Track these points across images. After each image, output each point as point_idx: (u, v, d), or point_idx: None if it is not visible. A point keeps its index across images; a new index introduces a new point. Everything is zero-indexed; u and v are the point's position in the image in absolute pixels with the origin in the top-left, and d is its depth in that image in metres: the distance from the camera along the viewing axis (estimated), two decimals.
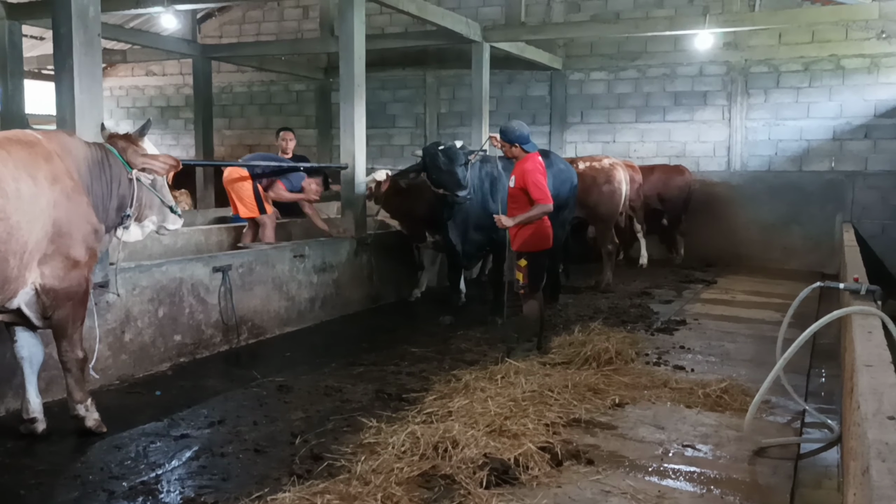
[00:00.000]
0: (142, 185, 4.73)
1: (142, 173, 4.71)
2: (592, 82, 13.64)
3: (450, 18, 10.11)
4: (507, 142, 6.16)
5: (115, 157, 4.63)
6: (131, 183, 4.66)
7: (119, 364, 5.46)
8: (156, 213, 4.92)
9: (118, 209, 4.66)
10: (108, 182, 4.57)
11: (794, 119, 12.39)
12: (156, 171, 4.76)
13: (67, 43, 5.19)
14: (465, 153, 7.05)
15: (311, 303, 7.50)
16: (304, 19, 15.56)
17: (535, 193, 5.98)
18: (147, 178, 4.76)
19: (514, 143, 6.13)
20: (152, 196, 4.84)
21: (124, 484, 3.84)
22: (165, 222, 5.01)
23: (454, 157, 6.89)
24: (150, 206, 4.86)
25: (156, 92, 17.23)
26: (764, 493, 3.91)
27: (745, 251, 12.31)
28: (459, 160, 6.92)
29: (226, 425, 4.68)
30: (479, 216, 7.39)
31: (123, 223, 4.74)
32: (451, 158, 6.89)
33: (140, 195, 4.74)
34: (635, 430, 4.71)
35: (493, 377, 5.51)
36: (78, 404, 4.43)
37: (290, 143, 9.38)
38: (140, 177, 4.70)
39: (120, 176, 4.63)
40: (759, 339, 7.06)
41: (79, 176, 4.34)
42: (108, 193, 4.57)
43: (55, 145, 4.28)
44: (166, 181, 5.04)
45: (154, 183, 4.82)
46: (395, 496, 3.58)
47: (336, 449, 4.22)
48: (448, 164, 6.91)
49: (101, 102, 5.37)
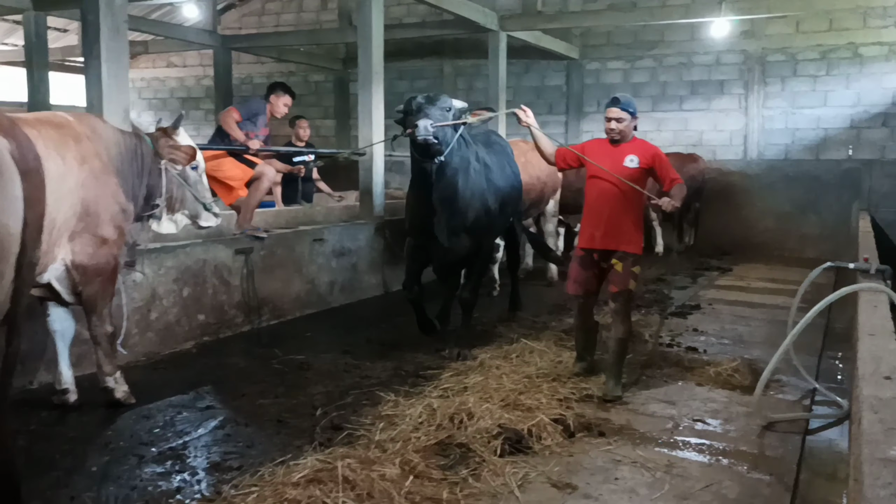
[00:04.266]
0: (171, 177, 4.91)
1: (171, 164, 4.88)
2: (609, 72, 13.69)
3: (467, 7, 10.21)
4: (632, 114, 4.98)
5: (148, 147, 4.82)
6: (161, 173, 4.85)
7: (145, 341, 5.63)
8: (188, 207, 5.09)
9: (147, 197, 4.85)
10: (139, 170, 4.75)
11: (811, 107, 12.39)
12: (178, 160, 4.92)
13: (95, 30, 5.36)
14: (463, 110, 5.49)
15: (331, 286, 7.66)
16: (323, 10, 15.71)
17: (675, 174, 4.99)
18: (175, 170, 4.92)
19: (634, 116, 5.01)
20: (184, 189, 5.01)
21: (153, 450, 4.01)
22: (198, 218, 5.18)
23: (434, 98, 5.30)
24: (182, 199, 5.04)
25: (176, 83, 17.46)
26: (771, 464, 4.01)
27: (761, 239, 12.34)
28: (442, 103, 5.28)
29: (249, 398, 4.84)
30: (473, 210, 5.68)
31: (154, 213, 4.91)
32: (431, 98, 5.29)
33: (170, 186, 4.92)
34: (646, 406, 4.83)
35: (508, 356, 5.65)
36: (108, 377, 4.61)
37: (304, 130, 9.48)
38: (169, 168, 4.87)
39: (151, 165, 4.82)
40: (773, 323, 7.13)
41: (108, 158, 4.50)
42: (138, 181, 4.75)
43: (85, 127, 4.44)
44: (204, 179, 5.22)
45: (186, 177, 4.99)
46: (413, 462, 3.72)
47: (355, 420, 4.37)
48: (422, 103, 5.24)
49: (127, 88, 5.54)
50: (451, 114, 5.33)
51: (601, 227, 4.94)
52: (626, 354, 5.17)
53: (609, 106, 5.00)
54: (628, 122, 4.97)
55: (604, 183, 4.93)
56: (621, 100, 4.99)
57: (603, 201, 4.95)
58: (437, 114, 5.18)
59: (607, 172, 4.90)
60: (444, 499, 3.41)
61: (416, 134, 5.04)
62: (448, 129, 5.27)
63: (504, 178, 6.21)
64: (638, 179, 4.92)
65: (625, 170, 4.90)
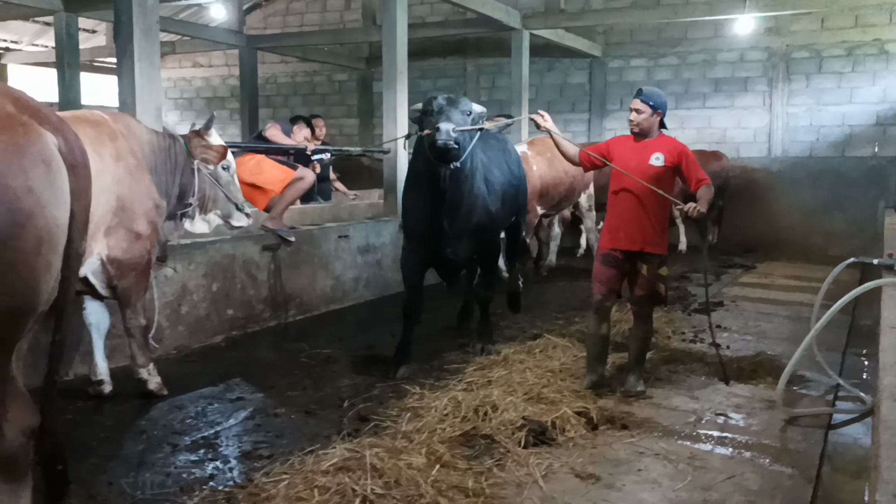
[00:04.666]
0: (203, 177, 5.03)
1: (203, 164, 5.00)
2: (632, 69, 13.69)
3: (489, 6, 10.27)
4: (653, 108, 4.76)
5: (181, 147, 4.96)
6: (193, 172, 4.97)
7: (176, 335, 5.77)
8: (220, 207, 5.20)
9: (180, 196, 4.98)
10: (172, 168, 4.89)
11: (837, 104, 12.31)
12: (210, 160, 5.03)
13: (128, 30, 5.49)
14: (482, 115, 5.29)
15: (356, 282, 7.76)
16: (346, 10, 15.84)
17: (703, 173, 4.79)
18: (207, 169, 5.03)
19: (656, 110, 4.78)
20: (216, 189, 5.13)
21: (186, 438, 4.12)
22: (230, 218, 5.28)
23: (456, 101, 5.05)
24: (214, 199, 5.16)
25: (202, 83, 17.68)
26: (794, 457, 4.04)
27: (786, 237, 12.27)
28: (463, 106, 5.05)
29: (277, 390, 4.95)
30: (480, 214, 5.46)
31: (187, 212, 5.04)
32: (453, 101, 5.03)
33: (203, 186, 5.03)
34: (669, 400, 4.87)
35: (532, 351, 5.71)
36: (141, 368, 4.73)
37: (321, 129, 9.44)
38: (201, 167, 4.99)
39: (183, 165, 4.95)
40: (797, 320, 7.12)
41: (142, 155, 4.63)
42: (171, 179, 4.88)
43: (120, 125, 4.57)
44: (236, 179, 5.32)
45: (218, 177, 5.11)
46: (438, 452, 3.79)
47: (382, 412, 4.46)
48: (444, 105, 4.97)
49: (159, 87, 5.67)
50: (471, 118, 5.10)
51: (625, 227, 4.79)
52: (648, 352, 5.15)
53: (634, 97, 4.88)
54: (648, 115, 4.74)
55: (628, 182, 4.76)
56: (644, 91, 4.82)
57: (627, 201, 4.77)
58: (458, 117, 4.93)
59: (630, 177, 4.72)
60: (470, 487, 3.48)
61: (438, 138, 4.75)
62: (466, 134, 5.02)
63: (503, 176, 5.89)
64: (664, 178, 4.73)
65: (650, 168, 4.70)
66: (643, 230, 4.76)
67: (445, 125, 4.77)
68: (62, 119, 2.30)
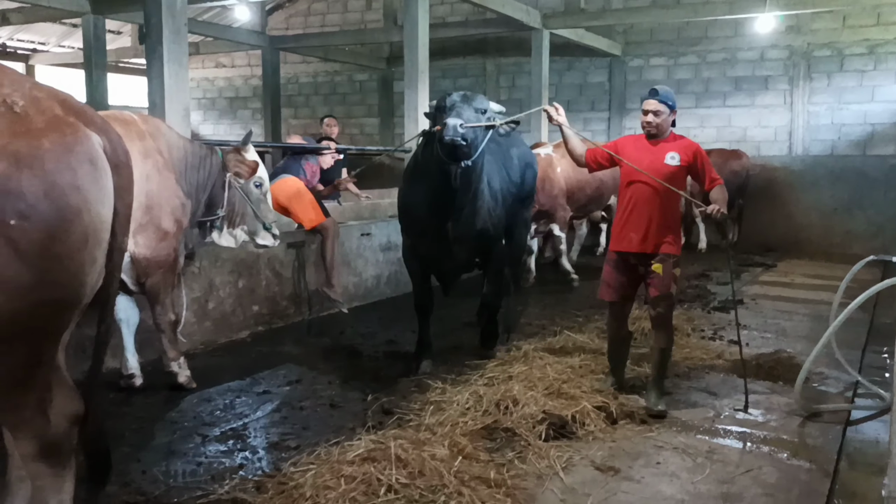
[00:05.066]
0: (234, 191, 5.13)
1: (235, 178, 5.10)
2: (652, 68, 13.69)
3: (510, 6, 10.34)
4: (670, 108, 4.65)
5: (218, 159, 5.08)
6: (225, 185, 5.07)
7: (203, 330, 5.90)
8: (248, 223, 5.27)
9: (210, 206, 5.08)
10: (205, 177, 5.00)
11: (858, 103, 12.25)
12: (242, 173, 5.13)
13: (157, 32, 5.64)
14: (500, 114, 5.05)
15: (377, 279, 7.87)
16: (367, 10, 15.96)
17: (716, 173, 4.72)
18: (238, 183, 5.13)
19: (672, 110, 4.67)
20: (246, 205, 5.21)
21: (215, 430, 4.25)
22: (256, 236, 5.33)
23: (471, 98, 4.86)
24: (243, 214, 5.23)
25: (225, 83, 17.88)
26: (811, 452, 4.10)
27: (807, 236, 12.23)
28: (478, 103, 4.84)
29: (302, 384, 5.07)
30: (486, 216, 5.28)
31: (215, 223, 5.15)
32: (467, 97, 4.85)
33: (233, 200, 5.14)
34: (688, 396, 4.93)
35: (552, 347, 5.79)
36: (171, 362, 4.86)
37: (333, 129, 9.48)
38: (233, 181, 5.10)
39: (216, 176, 5.05)
40: (816, 318, 7.13)
41: (169, 156, 4.74)
42: (202, 185, 4.99)
43: (149, 126, 4.71)
44: (268, 198, 5.38)
45: (249, 192, 5.20)
46: (461, 444, 3.88)
47: (405, 405, 4.55)
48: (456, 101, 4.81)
49: (187, 87, 5.82)
50: (486, 116, 4.88)
51: (639, 229, 4.62)
52: (669, 364, 4.90)
53: (647, 98, 4.67)
54: (666, 116, 4.62)
55: (641, 183, 4.60)
56: (660, 91, 4.64)
57: (640, 202, 4.62)
58: (470, 114, 4.73)
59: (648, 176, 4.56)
60: (492, 478, 3.56)
61: (445, 133, 4.55)
62: (479, 132, 4.79)
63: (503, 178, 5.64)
64: (678, 178, 4.62)
65: (665, 168, 4.57)
66: (657, 231, 4.61)
67: (453, 120, 4.58)
68: (106, 120, 2.41)
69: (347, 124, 16.34)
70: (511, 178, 5.87)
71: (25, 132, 2.13)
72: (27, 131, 2.13)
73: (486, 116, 4.87)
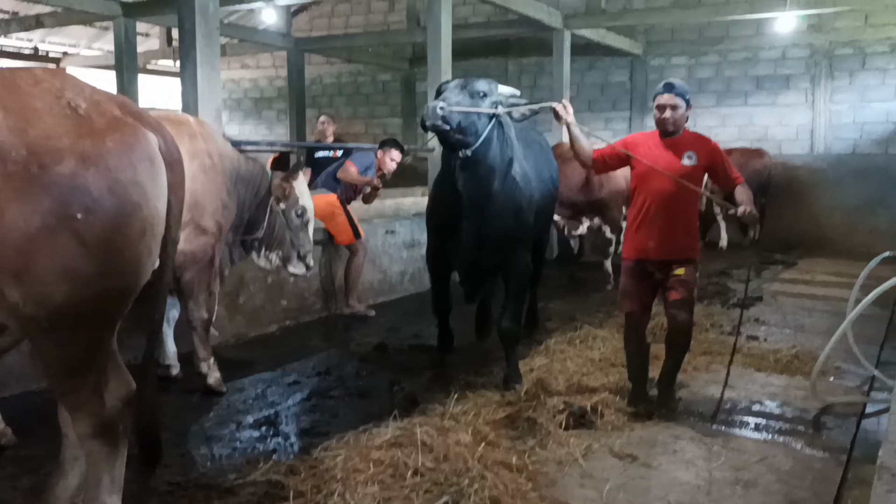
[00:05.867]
0: (276, 216, 5.20)
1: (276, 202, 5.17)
2: (673, 67, 13.75)
3: (532, 7, 10.47)
4: (687, 102, 4.37)
5: (268, 179, 5.17)
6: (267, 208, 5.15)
7: (234, 324, 6.11)
8: (284, 249, 5.32)
9: (251, 224, 5.14)
10: (252, 194, 5.08)
11: (881, 101, 12.26)
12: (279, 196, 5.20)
13: (191, 37, 5.84)
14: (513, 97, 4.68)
15: (402, 276, 8.06)
16: (390, 11, 16.15)
17: (736, 171, 4.48)
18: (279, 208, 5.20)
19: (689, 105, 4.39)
20: (284, 231, 5.27)
21: (249, 417, 4.45)
22: (289, 263, 5.38)
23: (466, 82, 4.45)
24: (280, 240, 5.30)
25: (250, 84, 18.16)
26: (825, 443, 4.21)
27: (829, 234, 12.23)
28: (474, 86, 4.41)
29: (331, 375, 5.26)
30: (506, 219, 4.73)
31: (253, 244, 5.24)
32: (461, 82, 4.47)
33: (272, 223, 5.20)
34: (706, 389, 5.05)
35: (572, 342, 5.94)
36: (202, 362, 4.94)
37: (328, 126, 9.42)
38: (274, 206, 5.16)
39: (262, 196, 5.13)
40: (836, 315, 7.15)
41: (217, 160, 4.84)
42: (249, 202, 5.08)
43: (201, 128, 4.88)
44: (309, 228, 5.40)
45: (290, 220, 5.27)
46: (484, 432, 4.05)
47: (429, 396, 4.72)
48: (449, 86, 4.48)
49: (219, 89, 6.02)
50: (492, 101, 4.45)
51: (656, 234, 4.33)
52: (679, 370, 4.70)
53: (661, 92, 4.35)
54: (683, 111, 4.33)
55: (658, 184, 4.30)
56: (675, 85, 4.33)
57: (658, 205, 4.32)
58: (459, 97, 4.31)
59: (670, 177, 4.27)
60: (514, 464, 3.72)
61: (424, 117, 4.18)
62: (478, 117, 4.35)
63: (541, 182, 5.30)
64: (695, 178, 4.35)
65: (682, 168, 4.29)
66: (677, 236, 4.35)
67: (433, 103, 4.21)
68: (159, 121, 2.60)
69: (371, 124, 16.57)
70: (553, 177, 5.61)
71: (90, 133, 2.33)
72: (91, 132, 2.33)
73: (490, 101, 4.44)
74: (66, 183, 2.27)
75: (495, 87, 4.53)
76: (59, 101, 2.39)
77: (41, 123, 2.32)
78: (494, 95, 4.49)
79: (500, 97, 4.53)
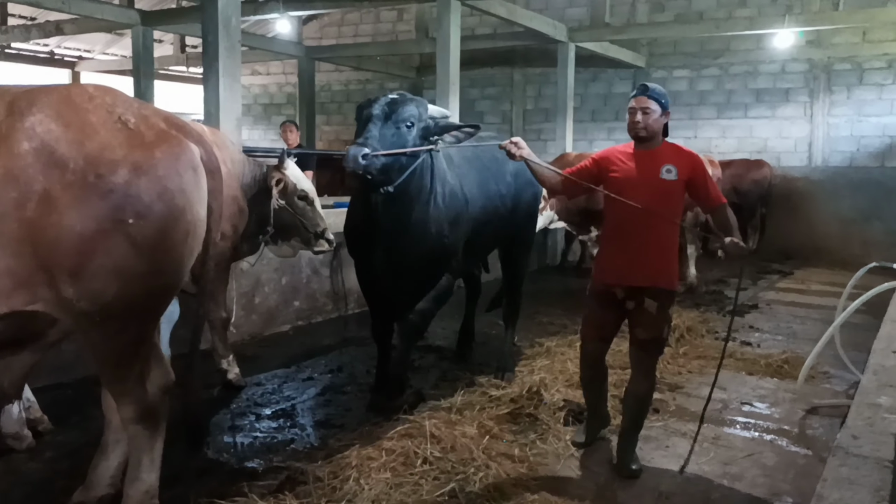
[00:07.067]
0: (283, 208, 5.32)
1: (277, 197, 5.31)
2: (675, 80, 14.04)
3: (537, 21, 10.76)
4: (663, 107, 3.86)
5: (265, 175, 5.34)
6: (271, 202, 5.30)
7: (250, 323, 6.40)
8: (300, 234, 5.44)
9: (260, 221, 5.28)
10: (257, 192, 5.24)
11: (878, 115, 12.54)
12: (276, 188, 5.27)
13: (214, 49, 6.13)
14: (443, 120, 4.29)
15: None
16: (399, 21, 16.47)
17: (717, 190, 3.97)
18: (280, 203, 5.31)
19: (665, 110, 3.90)
20: (293, 218, 5.38)
21: (267, 410, 4.73)
22: (311, 245, 5.50)
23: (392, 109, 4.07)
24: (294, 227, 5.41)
25: (260, 90, 18.48)
26: (810, 441, 4.48)
27: (825, 245, 12.48)
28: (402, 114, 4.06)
29: (343, 372, 5.55)
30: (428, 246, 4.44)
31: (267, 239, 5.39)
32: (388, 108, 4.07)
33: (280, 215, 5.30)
34: (699, 390, 5.31)
35: (573, 344, 6.18)
36: (222, 359, 5.19)
37: (289, 134, 9.57)
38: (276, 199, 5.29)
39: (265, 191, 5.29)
40: (827, 323, 7.32)
41: (232, 166, 5.10)
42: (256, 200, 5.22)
43: (216, 138, 5.10)
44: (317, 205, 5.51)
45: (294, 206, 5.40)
46: (488, 426, 4.34)
47: (437, 393, 4.99)
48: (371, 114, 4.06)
49: (239, 98, 6.30)
50: (416, 129, 4.09)
51: (629, 257, 3.83)
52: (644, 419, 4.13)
53: (635, 94, 3.90)
54: (658, 117, 3.84)
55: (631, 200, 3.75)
56: (650, 87, 3.88)
57: (631, 225, 3.81)
58: (387, 132, 3.97)
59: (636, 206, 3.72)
60: (516, 455, 4.00)
61: (345, 162, 3.81)
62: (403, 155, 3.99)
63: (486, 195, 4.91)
64: (675, 195, 3.84)
65: (661, 183, 3.80)
66: (651, 259, 3.82)
67: (355, 150, 3.81)
68: (200, 133, 2.89)
69: None
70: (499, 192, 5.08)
71: (140, 144, 2.61)
72: (142, 144, 2.61)
73: (418, 128, 4.10)
74: (121, 191, 2.55)
75: (424, 109, 4.18)
76: (112, 116, 2.67)
77: (97, 136, 2.59)
78: (423, 121, 4.13)
79: (429, 122, 4.17)
